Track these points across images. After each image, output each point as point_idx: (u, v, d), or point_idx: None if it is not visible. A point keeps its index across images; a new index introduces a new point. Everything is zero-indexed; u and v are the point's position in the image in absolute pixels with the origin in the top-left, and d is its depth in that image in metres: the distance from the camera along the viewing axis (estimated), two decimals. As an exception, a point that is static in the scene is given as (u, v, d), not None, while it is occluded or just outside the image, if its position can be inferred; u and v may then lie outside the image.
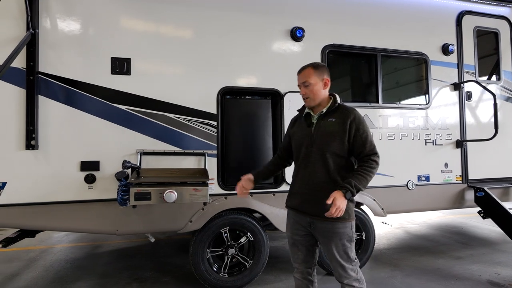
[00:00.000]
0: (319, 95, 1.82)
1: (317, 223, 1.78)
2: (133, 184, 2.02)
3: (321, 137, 1.78)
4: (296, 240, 1.90)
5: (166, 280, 3.08)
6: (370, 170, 1.71)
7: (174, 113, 2.67)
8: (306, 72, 1.84)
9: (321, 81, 1.81)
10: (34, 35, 2.35)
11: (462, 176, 3.52)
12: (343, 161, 1.76)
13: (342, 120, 1.75)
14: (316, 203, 1.75)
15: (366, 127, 1.77)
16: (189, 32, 2.75)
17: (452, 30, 3.58)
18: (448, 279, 3.04)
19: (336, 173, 1.75)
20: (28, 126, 2.34)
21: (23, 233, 2.64)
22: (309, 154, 1.80)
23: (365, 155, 1.73)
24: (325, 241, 1.77)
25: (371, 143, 1.76)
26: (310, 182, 1.79)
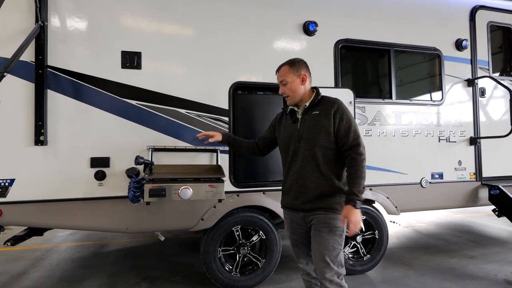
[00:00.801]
0: (298, 92, 1.80)
1: (309, 215, 1.76)
2: (147, 180, 1.95)
3: (307, 131, 1.75)
4: (295, 240, 1.87)
5: (176, 280, 3.02)
6: (360, 166, 1.68)
7: (186, 108, 2.61)
8: (282, 71, 1.83)
9: (298, 78, 1.80)
10: (43, 27, 2.28)
11: (476, 173, 3.46)
12: (332, 153, 1.74)
13: (326, 112, 1.74)
14: (307, 198, 1.74)
15: (350, 117, 1.75)
16: (201, 26, 2.68)
17: (466, 25, 3.52)
18: (464, 279, 2.98)
19: (326, 167, 1.73)
20: (37, 121, 2.27)
21: (31, 231, 2.58)
22: (298, 150, 1.78)
23: (349, 146, 1.70)
24: (315, 234, 1.73)
25: (355, 133, 1.72)
26: (300, 178, 1.76)
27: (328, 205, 1.71)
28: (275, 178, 2.84)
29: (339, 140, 1.73)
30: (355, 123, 1.76)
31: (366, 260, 3.09)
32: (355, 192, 1.64)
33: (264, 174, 2.83)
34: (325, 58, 3.01)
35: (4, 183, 2.24)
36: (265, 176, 2.83)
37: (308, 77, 1.84)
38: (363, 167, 1.69)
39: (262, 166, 2.84)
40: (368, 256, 3.10)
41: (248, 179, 2.79)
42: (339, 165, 1.76)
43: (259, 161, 2.83)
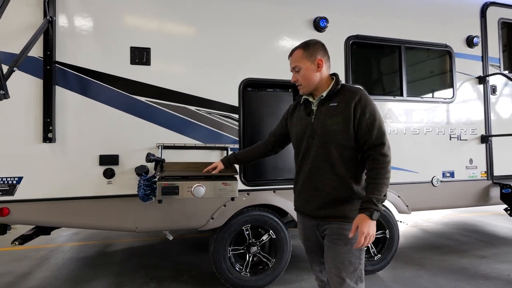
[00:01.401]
0: (313, 80, 1.54)
1: (323, 224, 1.53)
2: (160, 178, 1.91)
3: (322, 125, 1.50)
4: (309, 246, 1.68)
5: (184, 280, 2.97)
6: (383, 170, 1.41)
7: (196, 105, 2.57)
8: (295, 56, 1.57)
9: (313, 64, 1.53)
10: (51, 22, 2.24)
11: (487, 172, 3.41)
12: (350, 152, 1.48)
13: (346, 104, 1.47)
14: (319, 203, 1.51)
15: (374, 110, 1.47)
16: (211, 22, 2.63)
17: (476, 22, 3.47)
18: (477, 279, 2.93)
19: (343, 168, 1.48)
20: (45, 118, 2.23)
21: (39, 230, 2.54)
22: (310, 147, 1.54)
23: (371, 145, 1.44)
24: (329, 246, 1.49)
25: (380, 130, 1.44)
26: (312, 179, 1.53)
27: (343, 214, 1.48)
28: (286, 176, 2.79)
29: (359, 138, 1.47)
30: (380, 118, 1.47)
31: (377, 260, 3.04)
32: (372, 200, 1.37)
33: (274, 172, 2.79)
34: (335, 55, 2.95)
35: (12, 181, 2.19)
36: (276, 174, 2.79)
37: (326, 62, 1.56)
38: (386, 171, 1.41)
39: (272, 164, 2.79)
40: (378, 255, 3.05)
41: (258, 177, 2.75)
42: (359, 167, 1.51)
43: (269, 159, 2.77)
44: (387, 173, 1.42)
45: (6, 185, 2.18)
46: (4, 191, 2.18)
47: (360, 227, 1.36)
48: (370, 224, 1.36)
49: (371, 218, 1.36)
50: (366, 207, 1.38)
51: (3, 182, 2.18)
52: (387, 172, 1.42)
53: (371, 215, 1.36)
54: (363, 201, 1.41)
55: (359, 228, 1.36)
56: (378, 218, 1.38)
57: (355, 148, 1.49)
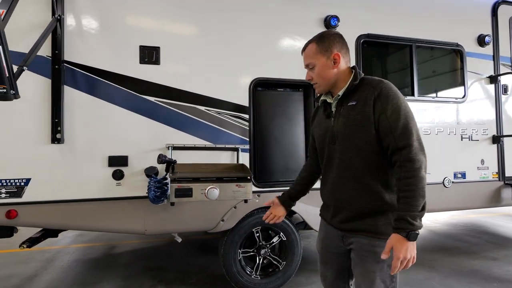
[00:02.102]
0: (329, 77, 1.34)
1: (350, 237, 1.35)
2: (172, 179, 1.86)
3: (342, 129, 1.32)
4: (326, 257, 1.49)
5: (192, 282, 2.93)
6: (414, 179, 1.16)
7: (205, 105, 2.52)
8: (308, 51, 1.37)
9: (328, 59, 1.32)
10: (59, 21, 2.20)
11: (499, 173, 3.36)
12: (376, 158, 1.27)
13: (364, 101, 1.27)
14: (346, 216, 1.34)
15: (398, 105, 1.22)
16: (221, 21, 2.59)
17: (488, 21, 3.42)
18: (490, 281, 2.89)
19: (369, 176, 1.28)
20: (54, 119, 2.19)
21: (46, 232, 2.49)
22: (333, 154, 1.37)
23: (395, 148, 1.21)
24: (358, 263, 1.32)
25: (405, 129, 1.20)
26: (336, 190, 1.37)
27: (374, 228, 1.28)
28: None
29: (382, 140, 1.25)
30: (406, 115, 1.21)
31: (388, 262, 2.99)
32: (406, 218, 1.14)
33: (285, 173, 2.75)
34: (346, 54, 2.91)
35: (20, 183, 2.15)
36: (286, 176, 2.74)
37: (343, 56, 1.34)
38: (419, 180, 1.16)
39: (283, 166, 2.75)
40: (390, 258, 3.00)
41: (269, 178, 2.70)
42: (389, 172, 1.29)
43: (280, 161, 2.74)
44: (420, 182, 1.16)
45: (14, 187, 2.14)
46: (12, 193, 2.13)
47: (395, 250, 1.14)
48: (407, 247, 1.14)
49: (408, 240, 1.14)
50: (400, 227, 1.16)
51: (11, 184, 2.14)
52: (419, 180, 1.16)
53: (408, 237, 1.14)
54: (396, 219, 1.18)
55: (394, 252, 1.15)
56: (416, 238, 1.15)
57: (381, 153, 1.28)
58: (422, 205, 1.17)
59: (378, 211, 1.28)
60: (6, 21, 1.56)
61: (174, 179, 1.86)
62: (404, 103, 1.24)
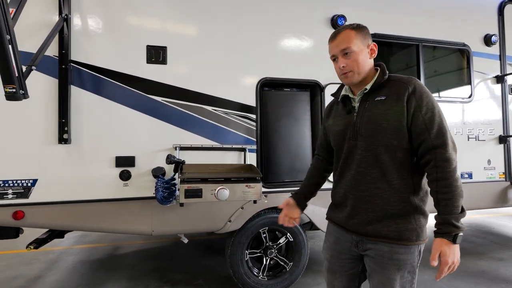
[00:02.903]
0: (365, 67, 1.28)
1: (367, 243, 1.28)
2: (182, 180, 1.84)
3: (367, 124, 1.26)
4: (336, 265, 1.39)
5: (199, 283, 2.91)
6: (452, 179, 1.14)
7: (212, 105, 2.50)
8: (344, 36, 1.28)
9: (366, 48, 1.28)
10: (66, 20, 2.18)
11: (505, 173, 3.35)
12: (404, 155, 1.22)
13: (397, 96, 1.23)
14: (367, 218, 1.27)
15: (432, 103, 1.21)
16: (228, 21, 2.57)
17: (494, 20, 3.41)
18: (498, 282, 2.87)
19: (396, 175, 1.22)
20: (61, 119, 2.17)
21: (52, 233, 2.48)
22: (353, 151, 1.31)
23: (430, 147, 1.17)
24: (377, 269, 1.26)
25: (440, 127, 1.18)
26: (357, 189, 1.29)
27: (397, 234, 1.21)
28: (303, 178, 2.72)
29: (414, 138, 1.21)
30: (440, 114, 1.21)
31: (395, 263, 2.98)
32: (451, 221, 1.12)
33: (291, 174, 2.73)
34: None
35: (27, 184, 2.13)
36: (293, 176, 2.73)
37: (376, 49, 1.32)
38: (456, 179, 1.15)
39: (290, 166, 2.73)
40: (396, 258, 2.98)
41: (276, 179, 2.69)
42: (416, 173, 1.24)
43: (287, 161, 2.72)
44: (457, 181, 1.15)
45: (21, 188, 2.12)
46: (19, 194, 2.12)
47: (443, 256, 1.12)
48: (455, 251, 1.13)
49: (454, 243, 1.12)
50: (446, 231, 1.13)
51: (18, 184, 2.12)
52: (457, 180, 1.15)
53: (454, 240, 1.12)
54: (440, 223, 1.16)
55: (442, 257, 1.13)
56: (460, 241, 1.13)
57: (410, 151, 1.23)
58: (462, 205, 1.16)
59: (403, 215, 1.22)
60: (15, 20, 1.54)
61: (183, 179, 1.84)
62: (436, 103, 1.24)
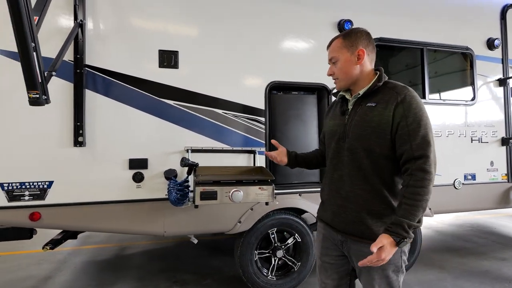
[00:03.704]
0: (351, 73, 1.33)
1: (351, 243, 1.33)
2: (197, 182, 1.89)
3: (355, 128, 1.30)
4: (326, 263, 1.43)
5: (208, 283, 2.96)
6: (422, 190, 1.15)
7: (223, 108, 2.55)
8: (333, 45, 1.36)
9: (352, 55, 1.31)
10: (81, 26, 2.23)
11: (508, 174, 3.41)
12: (386, 163, 1.26)
13: (386, 104, 1.25)
14: (350, 217, 1.31)
15: (420, 114, 1.21)
16: (238, 26, 2.62)
17: (497, 24, 3.47)
18: (501, 282, 2.93)
19: (378, 179, 1.26)
20: (76, 122, 2.22)
21: (66, 234, 2.52)
22: (341, 152, 1.35)
23: (410, 157, 1.19)
24: (362, 270, 1.31)
25: (424, 140, 1.19)
26: (341, 189, 1.34)
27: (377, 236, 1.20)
28: (311, 179, 2.79)
29: (397, 146, 1.23)
30: (427, 126, 1.21)
31: (400, 263, 3.03)
32: (403, 225, 1.13)
33: (300, 175, 2.78)
34: (359, 58, 2.95)
35: (43, 185, 2.18)
36: (302, 177, 2.78)
37: (369, 53, 1.33)
38: (426, 192, 1.15)
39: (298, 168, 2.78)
40: (402, 258, 3.04)
41: (285, 180, 2.74)
42: (397, 177, 1.29)
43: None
44: (427, 195, 1.15)
45: (37, 190, 2.16)
46: (36, 196, 2.16)
47: (382, 251, 1.13)
48: (391, 251, 1.15)
49: (397, 245, 1.14)
50: (395, 231, 1.14)
51: (35, 186, 2.16)
52: (426, 193, 1.15)
53: (398, 243, 1.14)
54: (393, 223, 1.17)
55: (379, 250, 1.13)
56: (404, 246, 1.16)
57: (392, 158, 1.26)
58: (420, 218, 1.17)
59: (383, 216, 1.26)
60: (38, 27, 1.59)
61: (199, 182, 1.89)
62: (426, 114, 1.23)
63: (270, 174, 2.04)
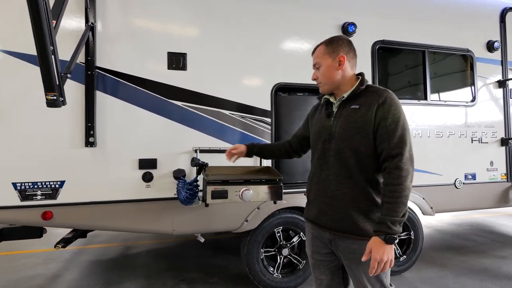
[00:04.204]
0: (333, 78, 1.43)
1: (339, 240, 1.40)
2: (208, 182, 1.94)
3: (341, 129, 1.39)
4: (318, 260, 1.52)
5: (214, 281, 3.01)
6: (400, 187, 1.23)
7: (230, 109, 2.61)
8: (317, 52, 1.49)
9: (334, 60, 1.42)
10: (92, 28, 2.27)
11: (507, 174, 3.48)
12: (370, 161, 1.35)
13: (368, 106, 1.34)
14: (337, 214, 1.39)
15: (398, 116, 1.31)
16: (244, 28, 2.67)
17: (496, 27, 3.54)
18: (501, 279, 3.00)
19: (362, 177, 1.35)
20: (87, 123, 2.26)
21: (76, 233, 2.56)
22: (326, 152, 1.43)
23: (388, 155, 1.28)
24: (351, 266, 1.39)
25: (401, 139, 1.28)
26: (328, 188, 1.41)
27: (364, 231, 1.33)
28: (316, 179, 2.84)
29: (377, 145, 1.33)
30: (404, 126, 1.31)
31: (403, 261, 3.10)
32: (386, 223, 1.22)
33: (304, 174, 2.82)
34: (363, 59, 3.01)
35: (55, 185, 2.22)
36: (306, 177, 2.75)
37: (349, 60, 1.44)
38: (403, 188, 1.24)
39: (302, 167, 2.83)
40: (404, 256, 3.11)
41: (290, 180, 2.79)
42: (379, 175, 1.38)
43: (301, 162, 2.82)
44: (405, 191, 1.24)
45: (49, 189, 2.21)
46: (47, 195, 2.20)
47: (373, 252, 1.22)
48: (384, 250, 1.21)
49: (385, 243, 1.21)
50: (380, 229, 1.23)
51: (47, 186, 2.21)
52: (404, 189, 1.24)
53: (385, 239, 1.21)
54: (377, 223, 1.26)
55: (372, 253, 1.22)
56: (393, 242, 1.23)
57: (375, 156, 1.35)
58: (403, 212, 1.24)
59: (368, 212, 1.35)
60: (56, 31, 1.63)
61: (210, 181, 1.94)
62: (403, 116, 1.34)
63: (278, 174, 2.09)
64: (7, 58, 2.14)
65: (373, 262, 1.22)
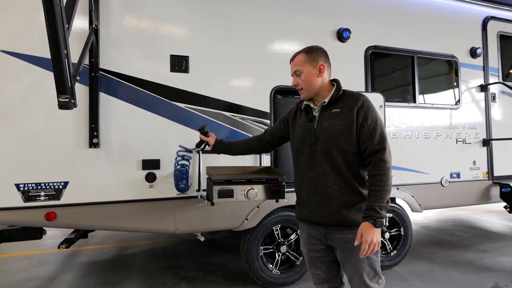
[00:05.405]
0: (314, 84, 1.56)
1: (334, 233, 1.53)
2: (214, 181, 2.01)
3: (325, 131, 1.52)
4: (313, 257, 1.64)
5: (213, 279, 3.07)
6: (385, 176, 1.42)
7: (230, 111, 2.68)
8: (297, 60, 1.60)
9: (314, 68, 1.55)
10: (96, 30, 2.30)
11: (488, 173, 3.71)
12: (354, 158, 1.50)
13: (348, 109, 1.50)
14: (330, 210, 1.51)
15: (376, 116, 1.50)
16: (245, 33, 2.76)
17: (479, 34, 3.77)
18: (483, 271, 3.20)
19: (349, 173, 1.50)
20: (91, 124, 2.28)
21: (78, 233, 2.57)
22: (314, 154, 1.55)
23: (373, 151, 1.46)
24: (346, 256, 1.52)
25: (381, 136, 1.47)
26: (319, 187, 1.53)
27: (356, 222, 1.48)
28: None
29: (361, 143, 1.49)
30: (381, 124, 1.50)
31: (393, 255, 3.26)
32: (375, 208, 1.39)
33: (302, 174, 2.94)
34: (356, 64, 3.16)
35: (59, 186, 2.23)
36: (303, 177, 2.93)
37: (327, 68, 1.59)
38: (388, 177, 1.43)
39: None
40: (394, 251, 3.27)
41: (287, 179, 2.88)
42: (363, 170, 1.54)
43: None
44: (389, 179, 1.43)
45: (53, 190, 2.22)
46: (51, 196, 2.22)
47: (364, 235, 1.37)
48: (374, 232, 1.37)
49: (375, 226, 1.37)
50: (369, 215, 1.40)
51: (50, 187, 2.22)
52: (388, 178, 1.43)
53: (375, 223, 1.37)
54: (366, 209, 1.43)
55: (363, 236, 1.38)
56: (382, 226, 1.39)
57: (358, 153, 1.51)
58: (387, 199, 1.43)
59: (356, 204, 1.51)
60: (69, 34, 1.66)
61: (215, 181, 2.01)
62: (379, 115, 1.54)
63: (280, 173, 2.18)
64: (12, 60, 2.14)
65: (364, 244, 1.37)
